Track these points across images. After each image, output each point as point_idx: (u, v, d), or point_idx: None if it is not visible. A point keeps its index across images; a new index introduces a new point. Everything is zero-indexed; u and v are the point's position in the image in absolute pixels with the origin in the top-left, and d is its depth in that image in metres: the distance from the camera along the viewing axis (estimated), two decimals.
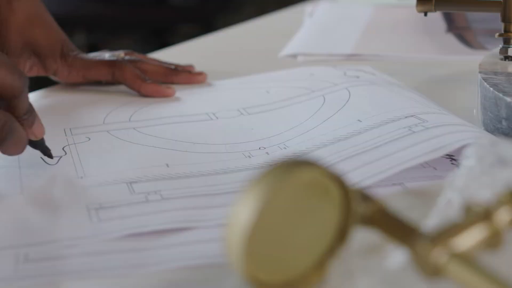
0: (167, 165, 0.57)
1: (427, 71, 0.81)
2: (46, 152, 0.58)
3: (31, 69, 0.78)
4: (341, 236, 0.35)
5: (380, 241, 0.35)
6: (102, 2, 2.58)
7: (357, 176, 0.52)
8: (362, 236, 0.36)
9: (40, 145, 0.58)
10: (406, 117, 0.60)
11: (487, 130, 0.60)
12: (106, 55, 0.80)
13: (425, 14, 0.73)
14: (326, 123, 0.63)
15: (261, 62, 0.89)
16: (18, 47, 0.76)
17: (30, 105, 0.55)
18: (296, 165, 0.33)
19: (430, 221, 0.38)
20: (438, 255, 0.32)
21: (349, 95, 0.69)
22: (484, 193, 0.39)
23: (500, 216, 0.34)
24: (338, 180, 0.34)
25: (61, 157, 0.60)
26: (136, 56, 0.82)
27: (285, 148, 0.60)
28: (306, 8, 1.14)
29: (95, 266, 0.44)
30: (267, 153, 0.59)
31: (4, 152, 0.54)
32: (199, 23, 2.55)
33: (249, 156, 0.59)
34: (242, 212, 0.32)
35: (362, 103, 0.66)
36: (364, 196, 0.35)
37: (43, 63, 0.78)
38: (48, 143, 0.62)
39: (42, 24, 0.78)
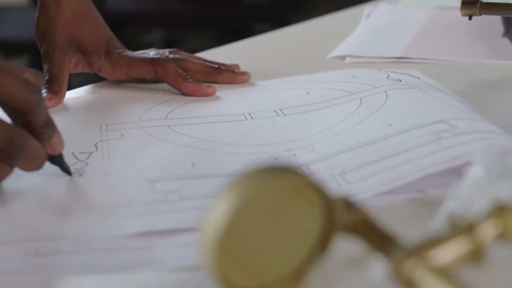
0: (193, 165, 0.58)
1: (476, 75, 0.79)
2: (65, 169, 0.56)
3: (77, 65, 0.80)
4: (322, 244, 0.34)
5: (362, 253, 0.35)
6: (178, 0, 2.61)
7: (376, 181, 0.52)
8: (344, 247, 0.35)
9: (58, 161, 0.56)
10: (436, 122, 0.59)
11: None
12: (151, 53, 0.81)
13: (470, 18, 0.71)
14: (358, 126, 0.63)
15: (309, 63, 0.89)
16: (65, 44, 0.78)
17: (48, 118, 0.54)
18: (274, 171, 0.33)
19: (429, 230, 0.38)
20: (412, 267, 0.31)
21: (386, 98, 0.68)
22: (487, 204, 0.38)
23: (484, 230, 0.33)
24: (318, 189, 0.33)
25: (91, 153, 0.61)
26: (180, 54, 0.82)
27: (312, 150, 0.59)
28: (365, 9, 1.12)
29: (103, 263, 0.45)
30: (294, 155, 0.59)
31: (21, 168, 0.53)
32: (274, 22, 2.55)
33: (276, 158, 0.59)
34: (215, 216, 0.32)
35: (397, 107, 0.65)
36: (349, 205, 0.34)
37: (88, 60, 0.80)
38: (82, 138, 0.64)
39: (88, 21, 0.80)
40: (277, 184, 0.33)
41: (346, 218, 0.34)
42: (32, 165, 0.53)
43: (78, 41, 0.79)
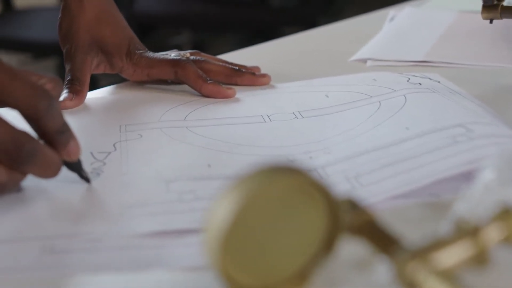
0: (209, 165, 0.58)
1: (497, 80, 0.79)
2: (83, 176, 0.55)
3: (98, 66, 0.81)
4: (327, 245, 0.35)
5: (367, 254, 0.35)
6: (207, 2, 2.62)
7: (391, 184, 0.52)
8: (349, 248, 0.35)
9: (76, 168, 0.55)
10: (453, 126, 0.59)
11: None
12: (172, 54, 0.82)
13: (491, 22, 0.71)
14: (375, 129, 0.63)
15: (330, 65, 0.89)
16: (86, 45, 0.79)
17: (64, 124, 0.53)
18: (278, 171, 0.33)
19: (435, 233, 0.38)
20: (416, 269, 0.31)
21: (405, 102, 0.68)
22: (495, 207, 0.37)
23: (489, 234, 0.32)
24: (322, 189, 0.34)
25: (109, 153, 0.62)
26: (201, 56, 0.83)
27: (328, 153, 0.59)
28: (389, 12, 1.12)
29: (117, 261, 0.45)
30: (310, 157, 0.59)
31: (34, 175, 0.52)
32: (302, 24, 2.56)
33: (292, 160, 0.59)
34: (219, 215, 0.32)
35: (415, 111, 0.65)
36: (354, 206, 0.35)
37: (109, 61, 0.80)
38: (101, 138, 0.64)
39: (110, 22, 0.81)
40: (281, 183, 0.33)
41: (351, 219, 0.34)
42: (46, 172, 0.52)
43: (100, 42, 0.80)
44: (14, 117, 0.51)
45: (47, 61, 2.96)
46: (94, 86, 0.82)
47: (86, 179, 0.55)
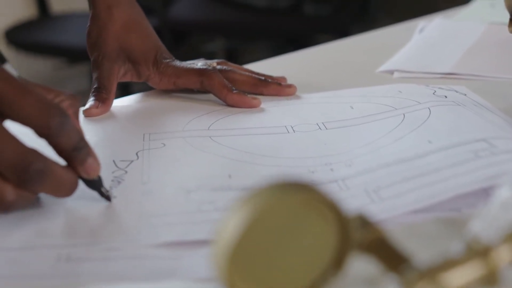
0: (229, 176, 0.58)
1: None
2: (103, 194, 0.54)
3: (125, 74, 0.81)
4: (336, 262, 0.34)
5: (377, 273, 0.34)
6: (241, 10, 2.63)
7: (411, 198, 0.51)
8: (359, 266, 0.35)
9: (95, 186, 0.54)
10: (476, 141, 0.58)
11: None
12: (199, 63, 0.82)
13: None
14: (398, 142, 0.62)
15: (357, 76, 0.88)
16: (114, 53, 0.79)
17: (80, 141, 0.51)
18: (289, 187, 0.33)
19: (447, 251, 0.37)
20: None
21: (429, 115, 0.67)
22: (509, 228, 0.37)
23: (500, 254, 0.32)
24: (333, 206, 0.34)
25: (132, 161, 0.62)
26: (228, 65, 0.83)
27: (349, 165, 0.59)
28: (419, 23, 1.11)
29: (133, 271, 0.46)
30: (331, 169, 0.59)
31: (47, 194, 0.51)
32: (335, 33, 2.55)
33: (313, 172, 0.59)
34: (228, 228, 0.32)
35: (438, 124, 0.65)
36: (364, 222, 0.34)
37: (136, 70, 0.81)
38: (125, 147, 0.65)
39: (138, 31, 0.81)
40: (292, 199, 0.33)
41: (361, 236, 0.34)
42: (58, 192, 0.51)
43: (127, 50, 0.80)
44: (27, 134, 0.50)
45: (81, 66, 2.99)
46: (125, 92, 0.83)
47: (107, 197, 0.54)
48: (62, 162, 0.52)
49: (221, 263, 0.32)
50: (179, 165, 0.61)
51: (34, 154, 0.48)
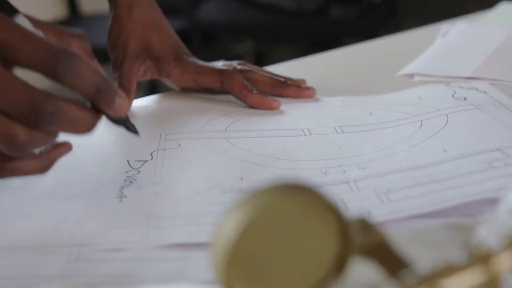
0: (241, 178, 0.58)
1: None
2: (130, 128, 0.54)
3: (145, 73, 0.81)
4: (337, 266, 0.34)
5: (377, 278, 0.34)
6: (269, 12, 2.63)
7: (420, 202, 0.51)
8: (360, 270, 0.35)
9: (122, 122, 0.53)
10: (491, 150, 0.58)
11: None
12: (220, 63, 0.82)
13: None
14: (413, 149, 0.62)
15: (377, 80, 0.88)
16: (134, 52, 0.80)
17: (101, 80, 0.49)
18: (290, 188, 0.33)
19: (449, 257, 0.37)
20: None
21: (446, 122, 0.67)
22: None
23: (501, 261, 0.32)
24: (333, 209, 0.33)
25: (146, 161, 0.62)
26: (248, 66, 0.83)
27: (363, 168, 0.59)
28: (442, 27, 1.10)
29: (141, 272, 0.45)
30: (344, 171, 0.59)
31: (65, 133, 0.50)
32: (361, 36, 2.54)
33: (326, 173, 0.59)
34: (227, 230, 0.32)
35: (455, 132, 0.64)
36: (366, 226, 0.34)
37: (157, 66, 0.81)
38: (140, 147, 0.65)
39: (158, 29, 0.82)
40: (291, 202, 0.33)
41: (363, 240, 0.34)
42: (75, 130, 0.50)
43: (148, 49, 0.80)
44: None
45: (105, 66, 3.00)
46: (153, 91, 0.83)
47: (134, 131, 0.54)
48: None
49: (219, 266, 0.32)
50: (192, 166, 0.61)
51: (44, 96, 0.48)
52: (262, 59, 3.06)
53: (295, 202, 0.33)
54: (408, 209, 0.50)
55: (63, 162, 0.56)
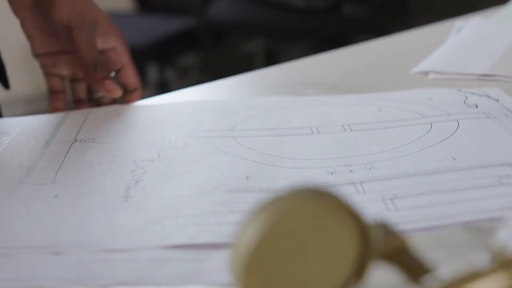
0: (247, 178, 0.57)
1: None
2: None
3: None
4: (357, 271, 0.33)
5: (398, 283, 0.33)
6: (280, 10, 2.62)
7: (426, 214, 0.49)
8: (380, 276, 0.33)
9: None
10: (501, 164, 0.56)
11: None
12: None
13: None
14: (422, 153, 0.61)
15: (391, 77, 0.86)
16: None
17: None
18: (310, 193, 0.32)
19: (472, 262, 0.35)
20: None
21: (457, 128, 0.65)
22: None
23: None
24: (353, 214, 0.32)
25: (152, 160, 0.62)
26: None
27: (369, 168, 0.57)
28: (456, 23, 1.08)
29: (143, 273, 0.44)
30: (351, 170, 0.57)
31: None
32: (373, 33, 2.52)
33: (332, 173, 0.57)
34: (247, 234, 0.31)
35: (465, 140, 0.63)
36: (386, 231, 0.33)
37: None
38: (148, 146, 0.65)
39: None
40: (312, 206, 0.32)
41: (383, 245, 0.32)
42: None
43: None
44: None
45: None
46: (164, 90, 0.83)
47: None
48: None
49: (238, 269, 0.31)
50: (198, 165, 0.60)
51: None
52: (272, 58, 3.04)
53: (316, 206, 0.32)
54: (414, 220, 0.48)
55: (69, 161, 0.57)
